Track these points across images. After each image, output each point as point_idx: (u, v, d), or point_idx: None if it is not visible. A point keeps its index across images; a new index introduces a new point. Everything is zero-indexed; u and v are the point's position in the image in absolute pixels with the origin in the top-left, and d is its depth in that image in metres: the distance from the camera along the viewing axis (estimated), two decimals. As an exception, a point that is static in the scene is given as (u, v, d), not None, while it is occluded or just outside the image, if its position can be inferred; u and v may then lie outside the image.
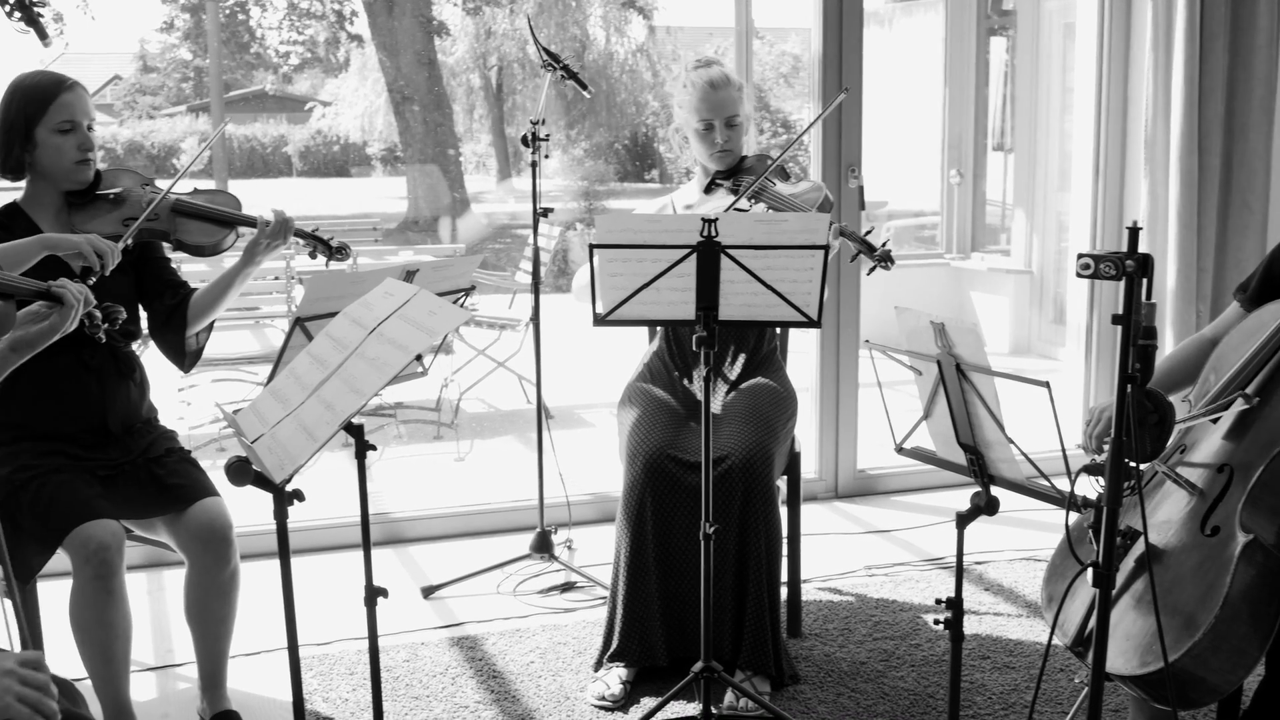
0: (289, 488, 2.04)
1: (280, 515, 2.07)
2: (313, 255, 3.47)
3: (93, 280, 2.93)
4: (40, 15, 2.67)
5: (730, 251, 2.86)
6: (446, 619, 4.00)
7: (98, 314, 2.47)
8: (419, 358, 1.99)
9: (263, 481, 2.02)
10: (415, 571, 4.40)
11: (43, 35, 2.73)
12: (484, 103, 25.12)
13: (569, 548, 4.54)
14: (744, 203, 3.60)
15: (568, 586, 4.24)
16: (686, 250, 2.86)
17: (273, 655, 3.73)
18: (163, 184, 3.32)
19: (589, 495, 4.95)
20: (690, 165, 3.94)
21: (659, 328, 3.86)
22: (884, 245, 3.44)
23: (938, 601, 2.69)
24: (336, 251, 3.46)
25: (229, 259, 3.51)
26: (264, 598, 3.79)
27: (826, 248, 2.89)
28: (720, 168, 3.75)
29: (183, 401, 6.61)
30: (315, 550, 4.51)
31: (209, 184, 3.50)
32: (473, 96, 24.97)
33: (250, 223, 3.34)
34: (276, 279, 6.98)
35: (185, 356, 3.41)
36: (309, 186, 26.59)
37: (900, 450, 2.70)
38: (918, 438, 2.71)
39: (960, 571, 2.65)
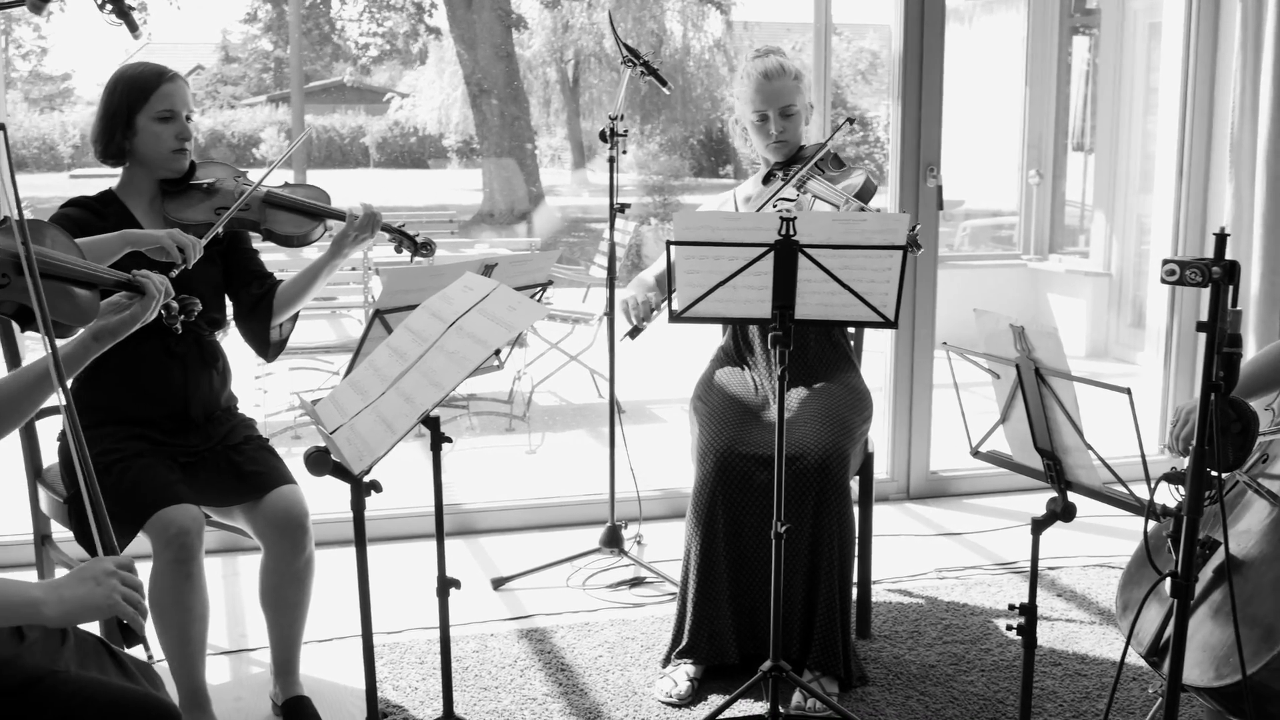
0: (366, 478, 2.06)
1: (357, 506, 2.09)
2: (398, 249, 3.50)
3: (175, 274, 2.99)
4: (131, 8, 2.71)
5: (808, 250, 2.85)
6: (516, 611, 4.02)
7: (175, 305, 2.52)
8: (496, 351, 2.00)
9: (341, 472, 2.05)
10: (485, 563, 4.43)
11: (133, 28, 2.77)
12: (559, 96, 25.21)
13: (639, 543, 4.55)
14: (790, 191, 3.60)
15: (636, 581, 4.25)
16: (764, 248, 2.85)
17: (344, 643, 3.77)
18: (253, 175, 3.37)
19: (659, 491, 4.96)
20: (757, 160, 3.93)
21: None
22: (913, 230, 3.43)
23: (1011, 607, 2.67)
24: (422, 247, 3.49)
25: (312, 251, 3.56)
26: (336, 585, 3.84)
27: (906, 248, 2.87)
28: (778, 158, 3.76)
29: (259, 389, 6.70)
30: (386, 539, 4.55)
31: (288, 174, 3.53)
32: (549, 90, 25.06)
33: (339, 216, 3.38)
34: (354, 270, 7.04)
35: (269, 346, 3.47)
36: (385, 177, 26.83)
37: (976, 454, 2.68)
38: (994, 441, 2.68)
39: (1035, 577, 2.62)
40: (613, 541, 4.40)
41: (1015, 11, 10.31)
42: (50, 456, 3.38)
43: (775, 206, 3.55)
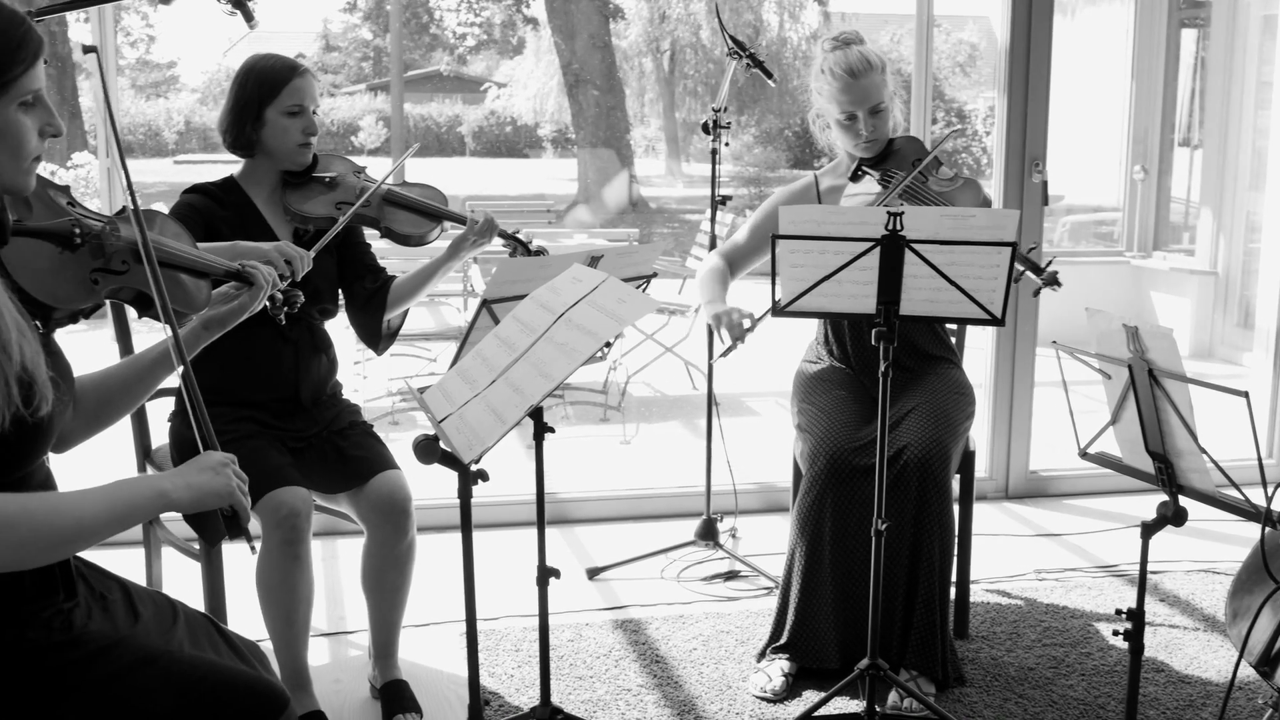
0: (474, 467, 2.07)
1: (464, 494, 2.11)
2: (512, 254, 3.55)
3: (284, 285, 3.04)
4: (249, -1, 2.76)
5: (915, 246, 2.82)
6: (611, 601, 4.03)
7: (279, 296, 2.56)
8: (606, 344, 2.00)
9: (449, 460, 2.06)
10: (580, 552, 4.45)
11: (249, 17, 2.82)
12: (654, 86, 25.22)
13: (733, 536, 4.54)
14: (895, 200, 3.51)
15: (731, 575, 4.24)
16: (870, 243, 2.83)
17: (440, 628, 3.80)
18: (373, 173, 3.43)
19: (754, 485, 4.94)
20: (826, 151, 3.83)
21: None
22: (1048, 265, 3.36)
23: (1118, 612, 2.62)
24: (535, 254, 3.52)
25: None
26: (434, 571, 3.88)
27: (1015, 244, 2.82)
28: (867, 155, 3.63)
29: (359, 375, 6.78)
30: (479, 526, 4.58)
31: (385, 162, 3.58)
32: (644, 80, 25.10)
33: (460, 220, 3.43)
34: (451, 259, 7.09)
35: (380, 339, 3.51)
36: (481, 166, 27.04)
37: (1084, 455, 2.64)
38: (1103, 443, 2.63)
39: (1143, 582, 2.57)
40: (708, 534, 4.39)
41: (1121, 4, 10.12)
42: (159, 438, 3.44)
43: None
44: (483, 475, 2.09)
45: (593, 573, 4.23)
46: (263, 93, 3.24)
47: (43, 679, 1.82)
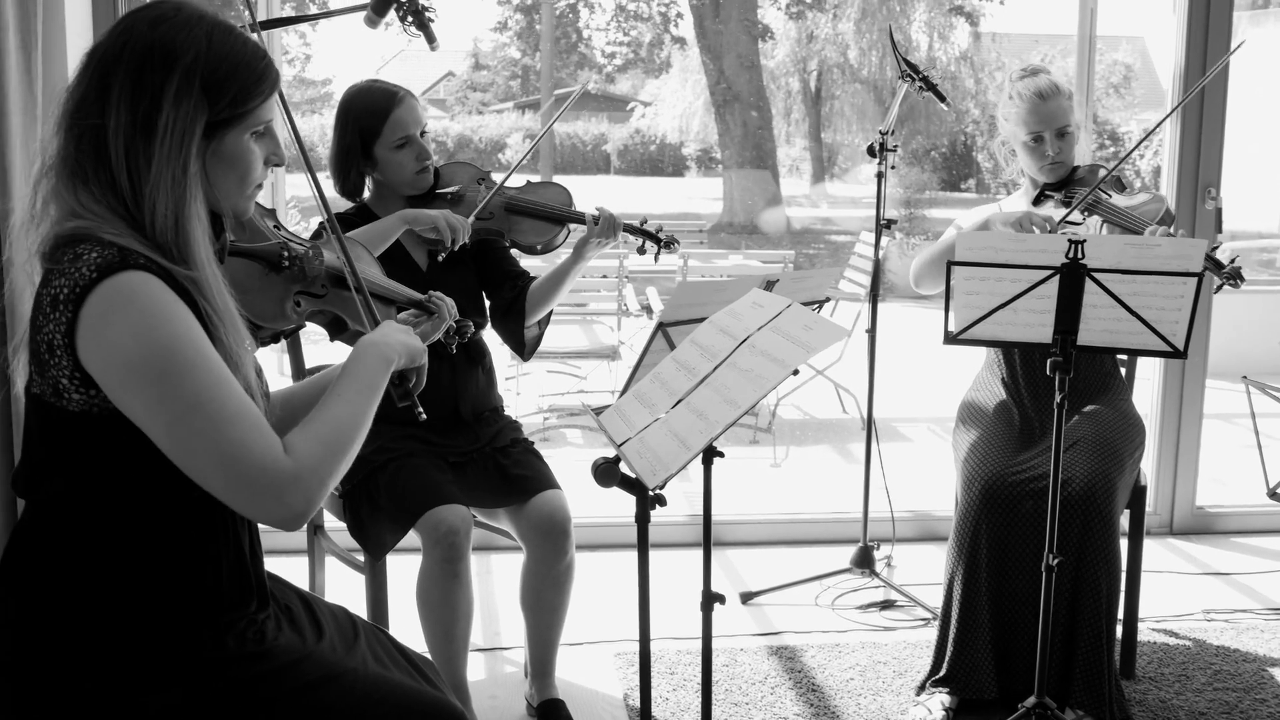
0: (653, 491, 2.06)
1: (642, 518, 2.10)
2: (641, 250, 3.51)
3: (442, 256, 3.07)
4: (431, 19, 2.80)
5: (1096, 275, 2.74)
6: (765, 627, 3.99)
7: (453, 326, 2.59)
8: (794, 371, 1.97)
9: (628, 483, 2.05)
10: (733, 575, 4.42)
11: (431, 39, 2.86)
12: (800, 106, 25.13)
13: (889, 564, 4.47)
14: (1077, 215, 3.47)
15: (887, 604, 4.17)
16: (1049, 271, 2.76)
17: (595, 647, 3.80)
18: (497, 177, 3.43)
19: (909, 513, 4.87)
20: (1014, 176, 3.82)
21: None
22: (1232, 262, 3.25)
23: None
24: (666, 245, 3.49)
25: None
26: (587, 590, 3.87)
27: (1201, 275, 2.73)
28: (1050, 180, 3.63)
29: (511, 391, 6.84)
30: (628, 547, 4.57)
31: (533, 179, 3.58)
32: (790, 100, 25.03)
33: (580, 219, 3.40)
34: (604, 277, 7.12)
35: (525, 345, 3.50)
36: (625, 184, 27.20)
37: (1275, 495, 2.53)
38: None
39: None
40: (864, 562, 4.33)
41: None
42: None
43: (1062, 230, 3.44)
44: (661, 500, 2.08)
45: (746, 597, 4.19)
46: (365, 134, 3.25)
47: (237, 690, 1.85)
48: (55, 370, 1.74)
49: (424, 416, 2.13)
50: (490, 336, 3.51)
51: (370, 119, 3.24)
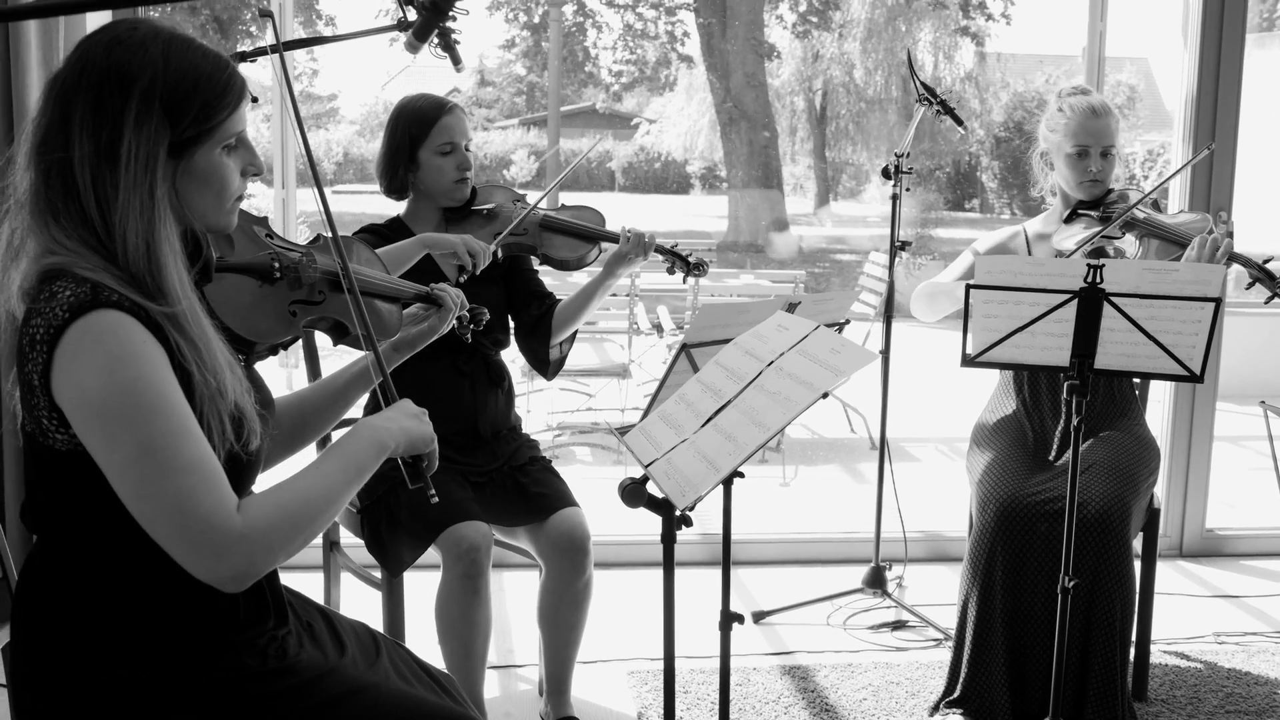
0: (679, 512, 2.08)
1: (668, 538, 2.11)
2: (670, 271, 3.54)
3: (464, 279, 3.09)
4: (457, 42, 2.82)
5: (1114, 300, 2.76)
6: (777, 646, 4.00)
7: (466, 315, 2.60)
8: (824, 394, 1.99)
9: (654, 504, 2.07)
10: (744, 595, 4.43)
11: (456, 61, 2.88)
12: (805, 125, 25.17)
13: (900, 585, 4.48)
14: (1115, 231, 3.49)
15: (899, 625, 4.18)
16: (1068, 295, 2.78)
17: (607, 665, 3.81)
18: (531, 199, 3.46)
19: (920, 533, 4.88)
20: (1043, 194, 3.84)
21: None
22: (1267, 262, 3.27)
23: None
24: (695, 268, 3.51)
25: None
26: (601, 608, 3.88)
27: (1219, 300, 2.75)
28: (1086, 197, 3.66)
29: (521, 408, 6.84)
30: (643, 565, 4.60)
31: (538, 194, 3.60)
32: (795, 119, 25.06)
33: (613, 239, 3.44)
34: (614, 295, 7.14)
35: (549, 365, 3.54)
36: (630, 201, 27.23)
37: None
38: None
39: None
40: (876, 582, 4.34)
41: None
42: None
43: (1093, 247, 3.47)
44: (687, 520, 2.09)
45: (758, 616, 4.20)
46: (414, 135, 3.31)
47: (259, 707, 1.86)
48: (36, 410, 1.73)
49: (436, 499, 2.11)
50: (509, 354, 3.54)
51: (419, 123, 3.31)
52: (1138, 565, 3.50)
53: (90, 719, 1.79)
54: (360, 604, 3.69)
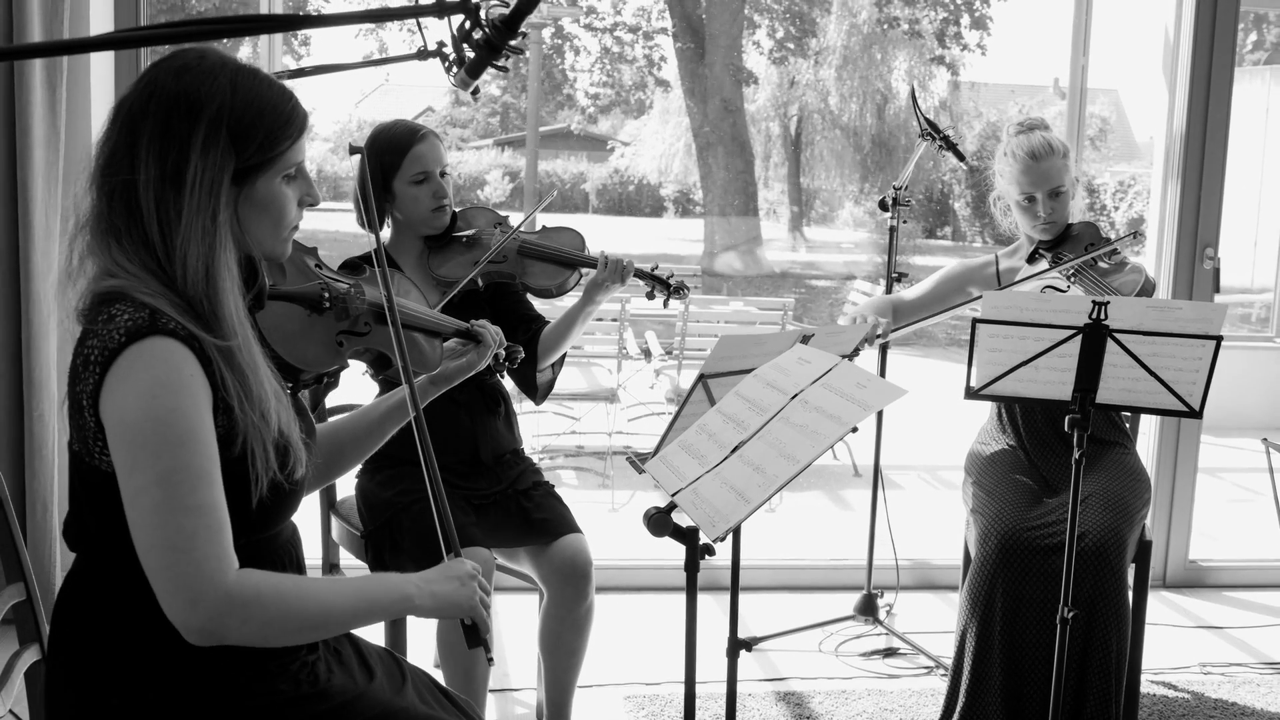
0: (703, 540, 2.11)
1: (692, 567, 2.14)
2: (650, 295, 3.52)
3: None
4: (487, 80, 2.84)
5: (1118, 336, 2.81)
6: (770, 672, 4.03)
7: (502, 353, 2.63)
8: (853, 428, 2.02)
9: (679, 533, 2.10)
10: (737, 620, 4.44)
11: (474, 92, 2.90)
12: (780, 151, 25.29)
13: (889, 612, 4.51)
14: (1061, 282, 3.54)
15: (890, 652, 4.21)
16: (1072, 331, 2.83)
17: (604, 690, 3.83)
18: (514, 223, 3.46)
19: (906, 560, 4.91)
20: (1012, 228, 3.88)
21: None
22: None
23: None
24: (675, 291, 3.50)
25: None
26: (598, 632, 3.89)
27: (1220, 338, 2.81)
28: (1045, 238, 3.69)
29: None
30: (634, 589, 4.62)
31: (517, 216, 3.61)
32: (770, 144, 25.18)
33: (591, 264, 3.41)
34: (599, 320, 7.14)
35: (537, 389, 3.52)
36: (604, 224, 27.26)
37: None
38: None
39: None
40: (868, 609, 4.37)
41: (1259, 81, 10.01)
42: (344, 490, 3.52)
43: (1043, 292, 3.51)
44: (709, 549, 2.12)
45: (750, 643, 4.21)
46: (385, 166, 3.27)
47: None
48: (84, 430, 1.76)
49: (494, 662, 2.08)
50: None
51: (391, 153, 3.27)
52: (1130, 597, 3.54)
53: None
54: (360, 630, 3.69)
